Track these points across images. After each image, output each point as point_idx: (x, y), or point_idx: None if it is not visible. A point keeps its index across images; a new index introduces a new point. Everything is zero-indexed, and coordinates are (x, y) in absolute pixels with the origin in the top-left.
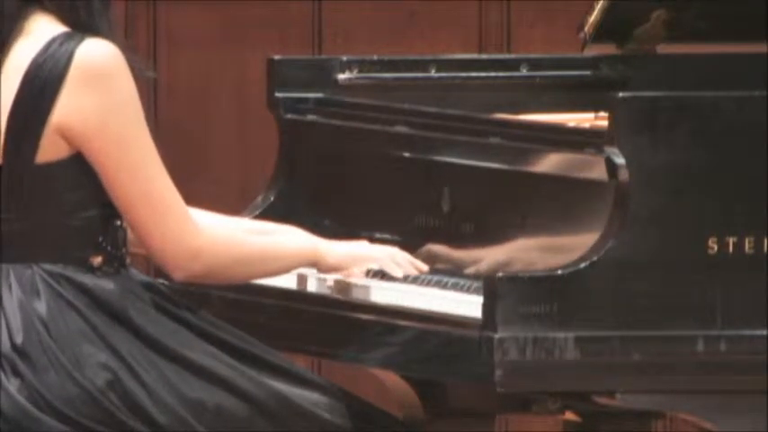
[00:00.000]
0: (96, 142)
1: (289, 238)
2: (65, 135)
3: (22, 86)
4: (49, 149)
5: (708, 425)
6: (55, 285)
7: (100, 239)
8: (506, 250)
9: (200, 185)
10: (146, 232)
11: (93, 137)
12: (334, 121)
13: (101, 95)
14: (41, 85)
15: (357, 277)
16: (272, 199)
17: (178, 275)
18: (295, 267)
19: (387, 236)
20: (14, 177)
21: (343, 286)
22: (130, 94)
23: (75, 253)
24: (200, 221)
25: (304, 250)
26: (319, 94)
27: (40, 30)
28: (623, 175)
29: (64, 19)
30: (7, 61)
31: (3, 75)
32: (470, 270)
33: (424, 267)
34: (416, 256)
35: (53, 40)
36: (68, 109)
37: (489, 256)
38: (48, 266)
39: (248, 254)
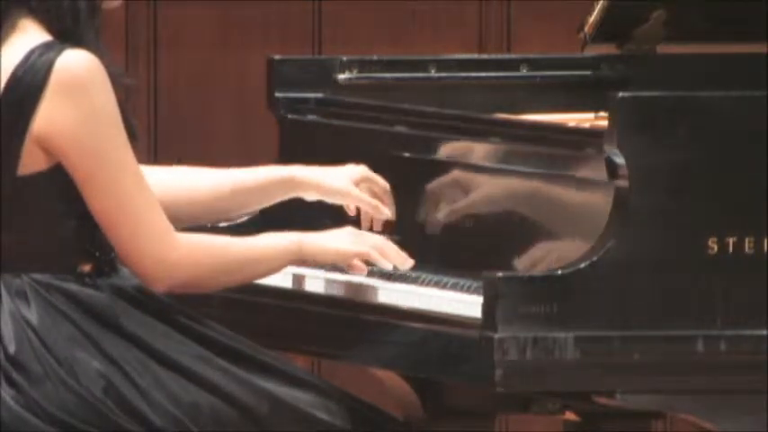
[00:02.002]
0: (73, 154)
1: (271, 238)
2: (44, 146)
3: (1, 98)
4: (31, 161)
5: (708, 425)
6: (44, 294)
7: (87, 246)
8: (506, 250)
9: None
10: (122, 245)
11: (70, 149)
12: (334, 121)
13: (78, 107)
14: (21, 97)
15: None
16: None
17: (158, 288)
18: (281, 268)
19: (386, 235)
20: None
21: (343, 286)
22: (108, 106)
23: (64, 262)
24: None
25: (288, 250)
26: (319, 94)
27: (24, 37)
28: (623, 174)
29: (49, 25)
30: None
31: None
32: (470, 270)
33: (410, 261)
34: (416, 255)
35: (33, 51)
36: (47, 120)
37: (489, 256)
38: (36, 276)
39: (230, 261)
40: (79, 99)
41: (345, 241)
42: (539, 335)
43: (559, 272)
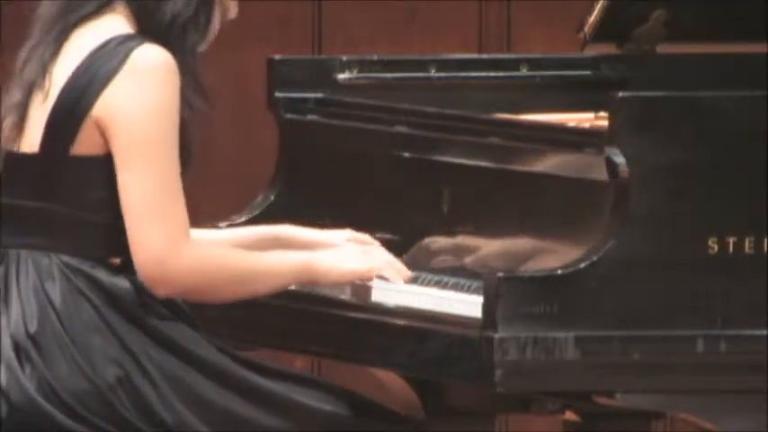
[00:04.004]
0: (121, 136)
1: (282, 256)
2: (100, 127)
3: (72, 77)
4: (86, 143)
5: (708, 425)
6: (71, 277)
7: (121, 240)
8: (506, 250)
9: (200, 185)
10: (133, 240)
11: (121, 130)
12: (334, 121)
13: (142, 94)
14: (91, 79)
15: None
16: (272, 198)
17: (158, 291)
18: (287, 286)
19: (387, 236)
20: (48, 165)
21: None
22: (170, 104)
23: (95, 250)
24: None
25: (297, 268)
26: (319, 94)
27: (109, 24)
28: (623, 174)
29: (142, 19)
30: (69, 42)
31: (62, 53)
32: (470, 270)
33: (411, 274)
34: (415, 253)
35: (113, 39)
36: (110, 102)
37: (489, 256)
38: (65, 258)
39: (235, 275)
40: (145, 87)
41: (357, 259)
42: (539, 335)
43: (560, 272)
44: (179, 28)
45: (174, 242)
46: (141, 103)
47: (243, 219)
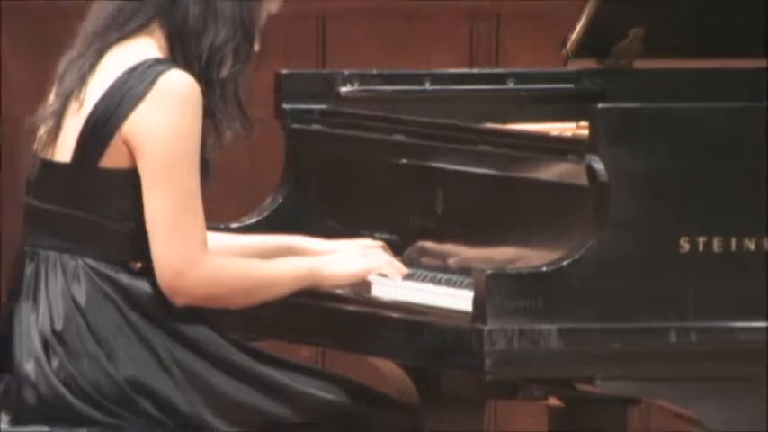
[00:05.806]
0: (146, 157)
1: (290, 264)
2: (129, 145)
3: (105, 95)
4: (114, 157)
5: (681, 410)
6: (95, 279)
7: (142, 246)
8: (495, 248)
9: (214, 190)
10: (154, 251)
11: (146, 151)
12: (336, 131)
13: (168, 116)
14: (121, 99)
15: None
16: (279, 201)
17: (176, 300)
18: (292, 291)
19: (385, 235)
20: (78, 175)
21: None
22: (193, 128)
23: (118, 255)
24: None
25: (303, 276)
26: (323, 106)
27: (143, 45)
28: (602, 180)
29: (182, 56)
30: (105, 58)
31: (98, 68)
32: (461, 267)
33: (407, 271)
34: (411, 254)
35: (144, 62)
36: (138, 122)
37: (479, 254)
38: (90, 261)
39: (249, 286)
40: (172, 110)
41: (358, 262)
42: (525, 327)
43: (544, 269)
44: (217, 62)
45: (192, 256)
46: (165, 127)
47: (253, 220)
